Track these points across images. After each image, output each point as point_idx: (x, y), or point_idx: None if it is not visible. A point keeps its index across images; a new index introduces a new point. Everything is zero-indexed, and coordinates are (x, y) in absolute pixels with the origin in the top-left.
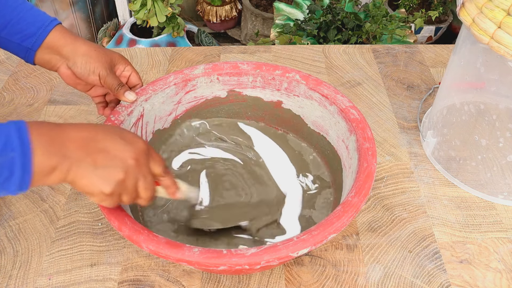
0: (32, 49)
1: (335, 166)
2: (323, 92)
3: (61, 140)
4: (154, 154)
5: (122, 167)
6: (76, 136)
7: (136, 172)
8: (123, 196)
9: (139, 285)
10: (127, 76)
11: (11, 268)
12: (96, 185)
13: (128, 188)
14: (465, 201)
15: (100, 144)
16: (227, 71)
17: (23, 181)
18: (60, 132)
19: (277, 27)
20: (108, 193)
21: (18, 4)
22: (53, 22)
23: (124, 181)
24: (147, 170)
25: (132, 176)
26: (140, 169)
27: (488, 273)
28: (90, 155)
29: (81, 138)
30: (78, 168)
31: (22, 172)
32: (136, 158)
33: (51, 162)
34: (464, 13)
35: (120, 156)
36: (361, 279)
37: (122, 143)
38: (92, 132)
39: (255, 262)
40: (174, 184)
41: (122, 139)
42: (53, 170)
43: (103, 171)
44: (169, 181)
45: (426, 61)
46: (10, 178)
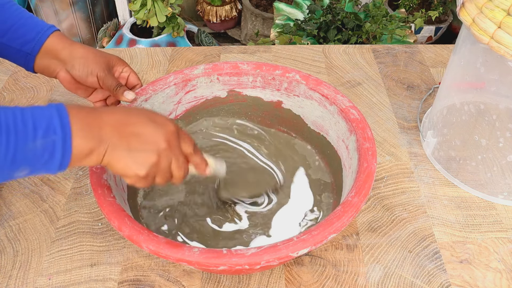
0: (32, 54)
1: (335, 166)
2: (323, 92)
3: (97, 124)
4: (184, 134)
5: (155, 150)
6: (110, 119)
7: (169, 153)
8: (157, 177)
9: (139, 285)
10: (126, 77)
11: (11, 268)
12: (132, 168)
13: (162, 170)
14: (465, 201)
15: (132, 127)
16: (227, 71)
17: (63, 163)
18: (95, 116)
19: (277, 27)
20: (143, 175)
21: (18, 12)
22: (51, 28)
23: (158, 163)
24: (179, 151)
25: (165, 158)
26: (172, 151)
27: (488, 273)
28: (124, 138)
29: (116, 121)
30: (113, 151)
31: (62, 155)
32: (167, 140)
33: (88, 145)
34: (464, 13)
35: (152, 139)
36: (361, 279)
37: (153, 126)
38: (124, 115)
39: (255, 262)
40: (204, 161)
41: (153, 122)
42: (91, 153)
43: (138, 154)
44: (199, 159)
45: (426, 61)
46: (51, 160)
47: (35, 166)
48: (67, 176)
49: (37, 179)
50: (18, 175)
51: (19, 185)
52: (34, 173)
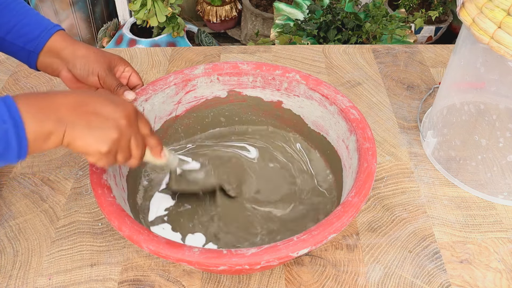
0: (35, 52)
1: (335, 166)
2: (323, 92)
3: (52, 106)
4: (142, 115)
5: (116, 127)
6: (65, 101)
7: (129, 130)
8: (118, 154)
9: (139, 285)
10: (127, 77)
11: (11, 268)
12: (93, 145)
13: (123, 146)
14: (465, 201)
15: (90, 107)
16: (227, 71)
17: (21, 150)
18: (48, 99)
19: (277, 27)
20: (105, 152)
21: (24, 10)
22: (55, 27)
23: (119, 139)
24: (137, 129)
25: (125, 135)
26: (132, 128)
27: (488, 273)
28: (83, 117)
29: (71, 103)
30: (73, 130)
31: (17, 142)
32: (127, 118)
33: (45, 128)
34: (464, 13)
35: (112, 116)
36: (361, 279)
37: (112, 105)
38: (80, 97)
39: (255, 262)
40: (160, 144)
41: (111, 102)
42: (49, 135)
43: (99, 131)
44: (156, 140)
45: (426, 61)
46: (8, 149)
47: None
48: (67, 176)
49: (37, 179)
50: None
51: (19, 185)
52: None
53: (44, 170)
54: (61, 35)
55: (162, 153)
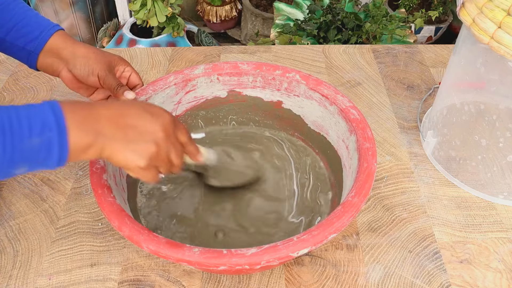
0: (35, 52)
1: (335, 166)
2: (323, 92)
3: (93, 117)
4: (179, 123)
5: (153, 140)
6: (106, 113)
7: (167, 142)
8: (160, 167)
9: (139, 285)
10: (127, 77)
11: (11, 268)
12: (132, 160)
13: (163, 159)
14: (465, 201)
15: (129, 119)
16: (227, 71)
17: (61, 159)
18: (91, 110)
19: (277, 27)
20: (143, 166)
21: (24, 10)
22: (55, 27)
23: (157, 153)
24: (176, 139)
25: (163, 148)
26: (169, 140)
27: (488, 273)
28: (121, 130)
29: (111, 115)
30: (112, 144)
31: (59, 151)
32: (164, 130)
33: (86, 140)
34: (464, 13)
35: (149, 130)
36: (361, 279)
37: (149, 117)
38: (120, 109)
39: (255, 262)
40: (198, 150)
41: (149, 113)
42: (89, 147)
43: (136, 145)
44: (194, 147)
45: (426, 61)
46: (49, 157)
47: (33, 163)
48: (67, 176)
49: (37, 179)
50: (16, 172)
51: (19, 185)
52: (33, 170)
53: (44, 170)
54: (61, 35)
55: (200, 156)
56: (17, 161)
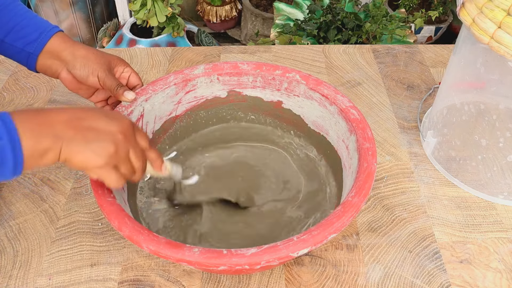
0: (34, 54)
1: (335, 166)
2: (323, 92)
3: (48, 122)
4: (139, 129)
5: (112, 140)
6: (62, 118)
7: (126, 143)
8: (120, 167)
9: (139, 285)
10: (127, 77)
11: (11, 268)
12: (89, 159)
13: (122, 159)
14: (465, 201)
15: (86, 122)
16: (227, 71)
17: (16, 167)
18: (44, 115)
19: (277, 27)
20: (101, 165)
21: (22, 12)
22: (54, 29)
23: (116, 152)
24: (135, 143)
25: (122, 148)
26: (129, 141)
27: (488, 273)
28: (79, 132)
29: (67, 119)
30: (69, 146)
31: (13, 158)
32: (123, 132)
33: (42, 145)
34: (464, 13)
35: (108, 130)
36: (361, 279)
37: (107, 120)
38: (76, 113)
39: (255, 262)
40: (160, 157)
41: (107, 116)
42: (46, 152)
43: (94, 145)
44: (155, 154)
45: (426, 61)
46: (4, 165)
47: None
48: (67, 176)
49: (37, 179)
50: None
51: (19, 185)
52: None
53: (44, 170)
54: (60, 36)
55: (163, 166)
56: None
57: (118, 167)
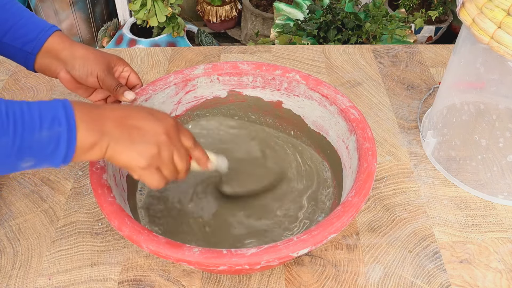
0: (32, 53)
1: (335, 166)
2: (323, 92)
3: (100, 118)
4: (183, 128)
5: (155, 142)
6: (112, 115)
7: (169, 145)
8: (163, 170)
9: (139, 285)
10: (126, 77)
11: (11, 268)
12: (132, 159)
13: (165, 161)
14: (465, 201)
15: (134, 121)
16: (227, 71)
17: (67, 155)
18: (98, 111)
19: (277, 27)
20: (144, 166)
21: (20, 11)
22: (52, 28)
23: (158, 154)
24: (180, 143)
25: (166, 149)
26: (172, 143)
27: (488, 273)
28: (125, 131)
29: (117, 117)
30: (116, 144)
31: (67, 146)
32: (167, 133)
33: (92, 139)
34: (464, 13)
35: (152, 131)
36: (361, 279)
37: (153, 120)
38: (125, 111)
39: (255, 262)
40: (205, 155)
41: (153, 116)
42: (93, 146)
43: (138, 146)
44: (200, 153)
45: (426, 61)
46: (56, 151)
47: (40, 157)
48: (67, 176)
49: (37, 179)
50: (23, 166)
51: (19, 185)
52: (39, 165)
53: (44, 170)
54: (59, 36)
55: (209, 163)
56: (25, 152)
57: (160, 169)
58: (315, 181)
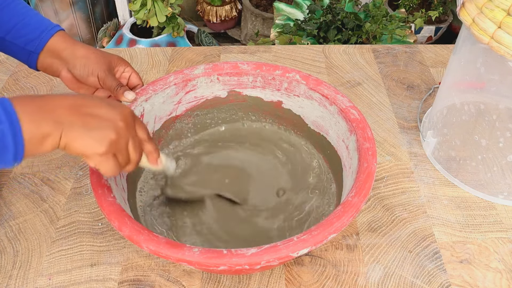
0: (35, 52)
1: (335, 166)
2: (323, 92)
3: (49, 107)
4: (138, 120)
5: (113, 128)
6: (63, 103)
7: (126, 132)
8: (118, 156)
9: (139, 285)
10: (127, 77)
11: (11, 268)
12: (90, 146)
13: (121, 148)
14: (465, 201)
15: (88, 109)
16: (227, 71)
17: (17, 151)
18: (45, 100)
19: (277, 27)
20: (102, 152)
21: (24, 10)
22: (55, 28)
23: (116, 140)
24: (135, 133)
25: (123, 136)
26: (129, 130)
27: (488, 273)
28: (80, 118)
29: (69, 105)
30: (71, 131)
31: (14, 142)
32: (124, 120)
33: (42, 129)
34: (464, 13)
35: (110, 118)
36: (361, 279)
37: (109, 107)
38: (78, 99)
39: (255, 262)
40: (156, 150)
41: (108, 104)
42: (46, 137)
43: (96, 132)
44: (153, 147)
45: (426, 61)
46: (4, 150)
47: None
48: (67, 176)
49: (37, 179)
50: None
51: (19, 185)
52: None
53: (44, 170)
54: (62, 35)
55: (159, 160)
56: None
57: (116, 156)
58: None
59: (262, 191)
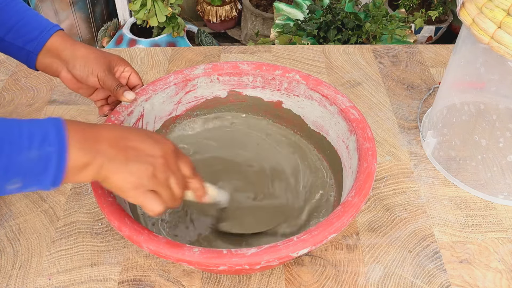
0: (34, 52)
1: (335, 166)
2: (323, 92)
3: (94, 138)
4: (182, 155)
5: (152, 163)
6: (108, 135)
7: (166, 168)
8: (161, 193)
9: (139, 285)
10: (127, 77)
11: (11, 268)
12: (126, 180)
13: (161, 184)
14: (465, 201)
15: (131, 142)
16: (227, 71)
17: (57, 176)
18: (93, 130)
19: (277, 27)
20: (134, 185)
21: (23, 10)
22: (55, 27)
23: (154, 176)
24: (177, 169)
25: (162, 172)
26: (169, 167)
27: (488, 273)
28: (121, 152)
29: (113, 137)
30: (110, 164)
31: (57, 167)
32: (164, 156)
33: (85, 158)
34: (464, 13)
35: (151, 153)
36: (361, 279)
37: (151, 142)
38: (123, 132)
39: (255, 262)
40: (202, 187)
41: (151, 139)
42: (86, 166)
43: (134, 166)
44: (198, 183)
45: (426, 61)
46: (45, 172)
47: (28, 178)
48: None
49: None
50: (9, 188)
51: None
52: (27, 188)
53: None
54: (61, 35)
55: (205, 196)
56: (12, 172)
57: (158, 193)
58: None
59: (260, 193)
